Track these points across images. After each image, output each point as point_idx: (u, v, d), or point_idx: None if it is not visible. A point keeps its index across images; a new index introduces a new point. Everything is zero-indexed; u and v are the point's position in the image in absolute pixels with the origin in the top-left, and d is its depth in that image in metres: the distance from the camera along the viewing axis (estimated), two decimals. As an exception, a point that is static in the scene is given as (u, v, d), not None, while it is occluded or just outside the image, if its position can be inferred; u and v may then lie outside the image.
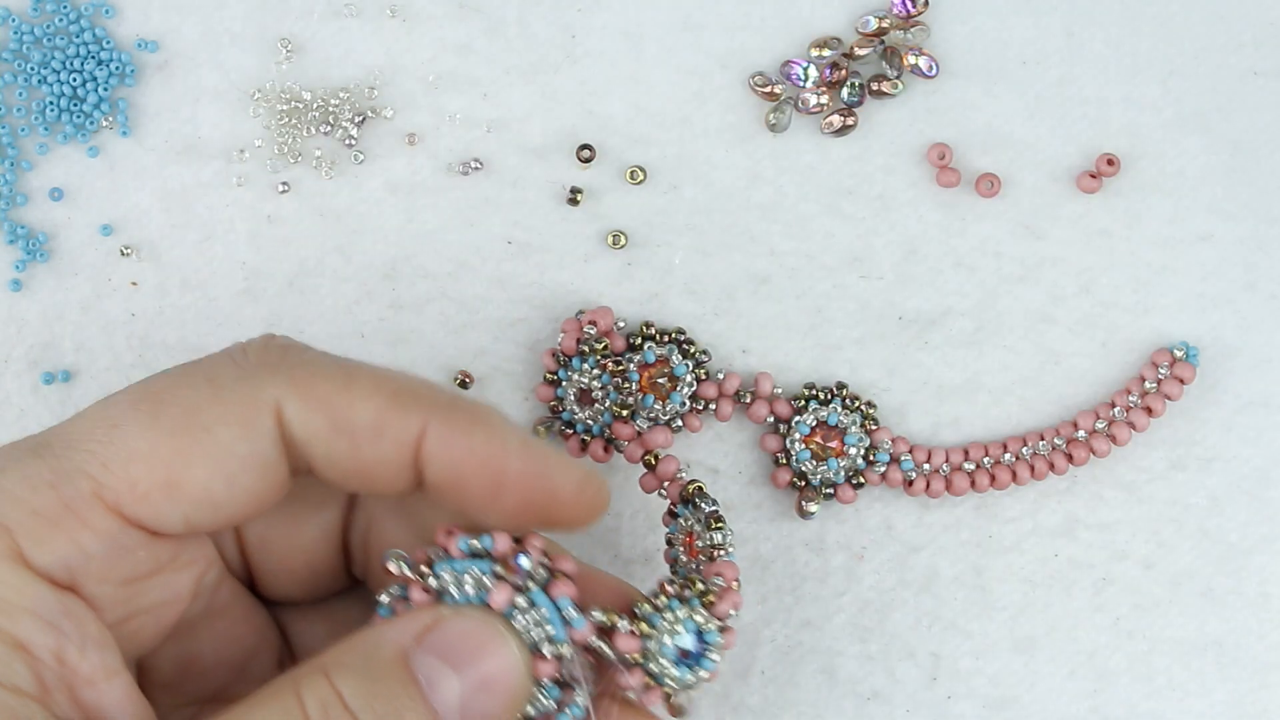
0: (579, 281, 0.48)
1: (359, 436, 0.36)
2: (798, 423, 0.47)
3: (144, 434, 0.35)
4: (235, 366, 0.37)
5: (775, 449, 0.48)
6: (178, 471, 0.35)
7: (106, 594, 0.35)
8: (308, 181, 0.48)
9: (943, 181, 0.48)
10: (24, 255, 0.48)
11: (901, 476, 0.48)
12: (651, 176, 0.49)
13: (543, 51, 0.48)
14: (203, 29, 0.48)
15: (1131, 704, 0.48)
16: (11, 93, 0.48)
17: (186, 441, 0.35)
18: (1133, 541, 0.49)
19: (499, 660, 0.35)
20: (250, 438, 0.35)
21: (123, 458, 0.35)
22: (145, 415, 0.35)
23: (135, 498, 0.35)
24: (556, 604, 0.36)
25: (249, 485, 0.36)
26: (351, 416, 0.36)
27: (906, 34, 0.48)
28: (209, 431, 0.35)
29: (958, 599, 0.48)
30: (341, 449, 0.36)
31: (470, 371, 0.48)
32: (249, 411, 0.35)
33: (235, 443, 0.35)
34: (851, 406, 0.48)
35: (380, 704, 0.33)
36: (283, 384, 0.36)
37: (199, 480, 0.35)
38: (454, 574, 0.36)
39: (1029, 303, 0.49)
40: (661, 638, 0.37)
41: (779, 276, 0.49)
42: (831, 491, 0.47)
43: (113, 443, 0.35)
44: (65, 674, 0.34)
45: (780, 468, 0.48)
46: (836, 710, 0.48)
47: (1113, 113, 0.49)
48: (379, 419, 0.36)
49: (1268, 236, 0.49)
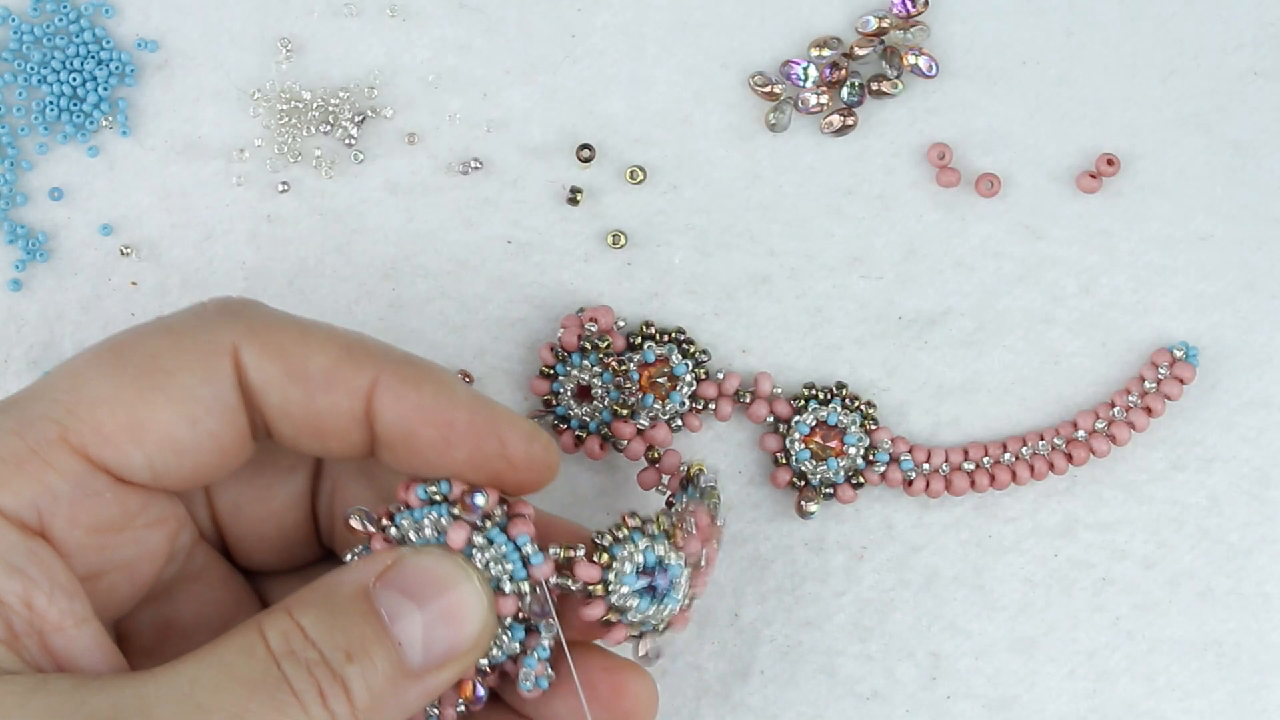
0: (579, 281, 0.48)
1: (312, 385, 0.37)
2: (797, 422, 0.47)
3: (107, 381, 0.36)
4: (195, 318, 0.38)
5: (775, 449, 0.48)
6: (141, 414, 0.36)
7: (76, 540, 0.36)
8: (308, 181, 0.48)
9: (943, 181, 0.48)
10: (24, 255, 0.48)
11: (901, 476, 0.48)
12: (651, 176, 0.49)
13: (543, 51, 0.48)
14: (203, 29, 0.48)
15: (1131, 704, 0.48)
16: (11, 93, 0.48)
17: (148, 385, 0.36)
18: (1132, 541, 0.49)
19: (459, 593, 0.35)
20: (210, 381, 0.36)
21: (87, 403, 0.35)
22: (108, 364, 0.36)
23: (100, 440, 0.35)
24: (515, 542, 0.36)
25: (211, 430, 0.37)
26: (306, 365, 0.37)
27: (906, 34, 0.48)
28: (170, 375, 0.36)
29: (958, 599, 0.48)
30: (296, 398, 0.37)
31: (470, 371, 0.48)
32: (208, 356, 0.36)
33: (196, 386, 0.36)
34: (851, 406, 0.48)
35: (341, 635, 0.34)
36: (241, 332, 0.37)
37: (162, 422, 0.36)
38: (413, 521, 0.37)
39: (1029, 303, 0.49)
40: (622, 566, 0.37)
41: (779, 276, 0.49)
42: (831, 491, 0.48)
43: (76, 390, 0.36)
44: (34, 620, 0.34)
45: (780, 467, 0.48)
46: (836, 710, 0.48)
47: (1113, 113, 0.49)
48: (332, 368, 0.37)
49: (1268, 236, 0.49)
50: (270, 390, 0.37)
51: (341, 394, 0.37)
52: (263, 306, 0.38)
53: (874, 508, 0.48)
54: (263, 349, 0.37)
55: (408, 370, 0.37)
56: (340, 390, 0.37)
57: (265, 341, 0.37)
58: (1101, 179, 0.48)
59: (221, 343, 0.37)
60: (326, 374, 0.37)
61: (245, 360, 0.37)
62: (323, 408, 0.37)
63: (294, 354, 0.37)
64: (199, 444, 0.36)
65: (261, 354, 0.37)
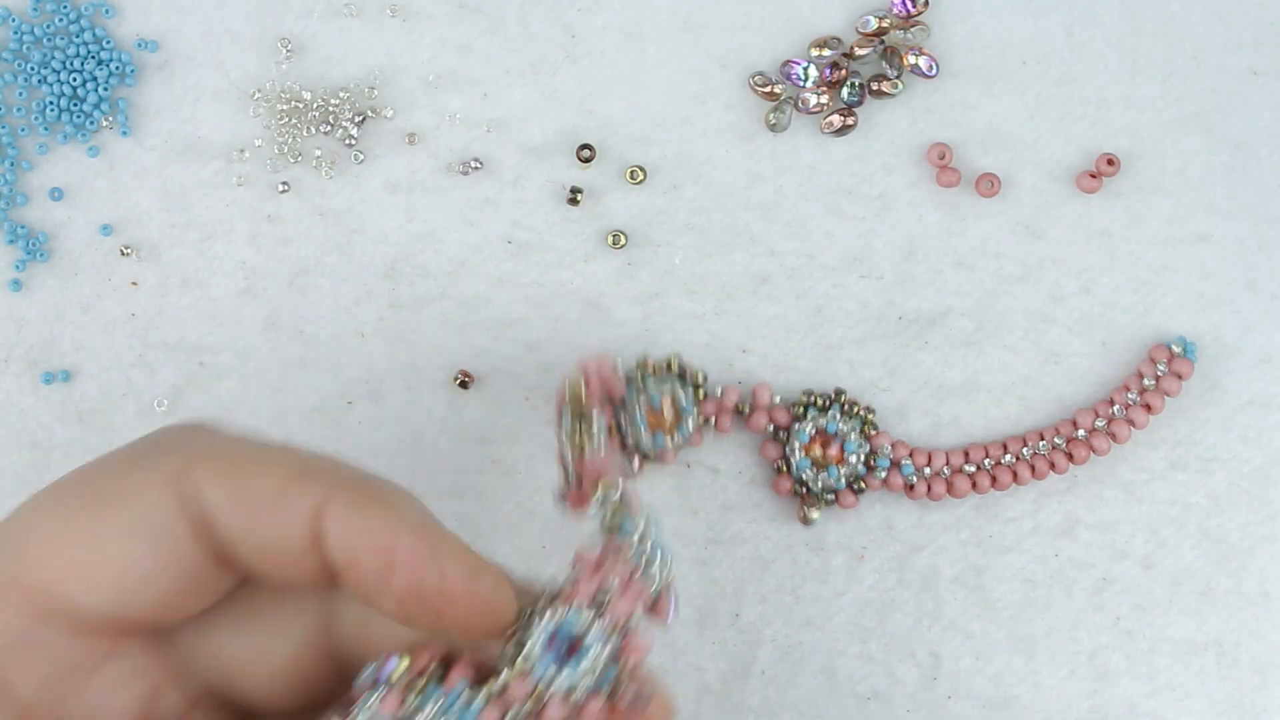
0: (579, 281, 0.48)
1: (260, 506, 0.35)
2: (797, 430, 0.47)
3: (53, 519, 0.35)
4: (145, 445, 0.36)
5: (775, 457, 0.48)
6: (89, 549, 0.34)
7: (31, 692, 0.34)
8: (308, 181, 0.48)
9: (943, 181, 0.48)
10: (24, 255, 0.48)
11: (902, 481, 0.48)
12: (651, 176, 0.49)
13: (543, 51, 0.48)
14: (203, 29, 0.48)
15: (1132, 704, 0.48)
16: (11, 93, 0.48)
17: (94, 518, 0.35)
18: (1133, 541, 0.49)
19: None
20: (157, 508, 0.35)
21: (35, 543, 0.34)
22: (54, 503, 0.35)
23: (51, 580, 0.34)
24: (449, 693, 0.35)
25: (165, 559, 0.35)
26: (253, 486, 0.35)
27: (906, 34, 0.48)
28: (116, 507, 0.35)
29: (958, 599, 0.48)
30: (242, 521, 0.35)
31: (470, 371, 0.48)
32: (155, 483, 0.35)
33: (143, 514, 0.35)
34: (850, 413, 0.48)
35: None
36: (191, 456, 0.35)
37: (112, 555, 0.34)
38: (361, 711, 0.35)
39: (1029, 303, 0.49)
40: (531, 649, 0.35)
41: (779, 276, 0.49)
42: (833, 497, 0.47)
43: (24, 533, 0.35)
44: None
45: (781, 475, 0.48)
46: (836, 710, 0.48)
47: (1113, 113, 0.49)
48: (280, 489, 0.35)
49: (1268, 236, 0.49)
50: (219, 514, 0.35)
51: (290, 515, 0.35)
52: (216, 429, 0.37)
53: (874, 508, 0.48)
54: (212, 472, 0.35)
55: (356, 492, 0.35)
56: (288, 511, 0.35)
57: (214, 464, 0.35)
58: (1101, 179, 0.48)
59: (168, 468, 0.35)
60: (274, 495, 0.35)
61: (195, 484, 0.35)
62: (270, 531, 0.35)
63: (242, 475, 0.35)
64: (155, 575, 0.35)
65: (211, 476, 0.35)
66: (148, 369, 0.48)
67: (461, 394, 0.48)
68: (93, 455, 0.37)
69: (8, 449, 0.48)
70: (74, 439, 0.48)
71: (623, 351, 0.48)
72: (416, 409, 0.48)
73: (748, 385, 0.48)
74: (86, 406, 0.48)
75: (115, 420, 0.48)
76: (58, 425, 0.48)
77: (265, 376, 0.48)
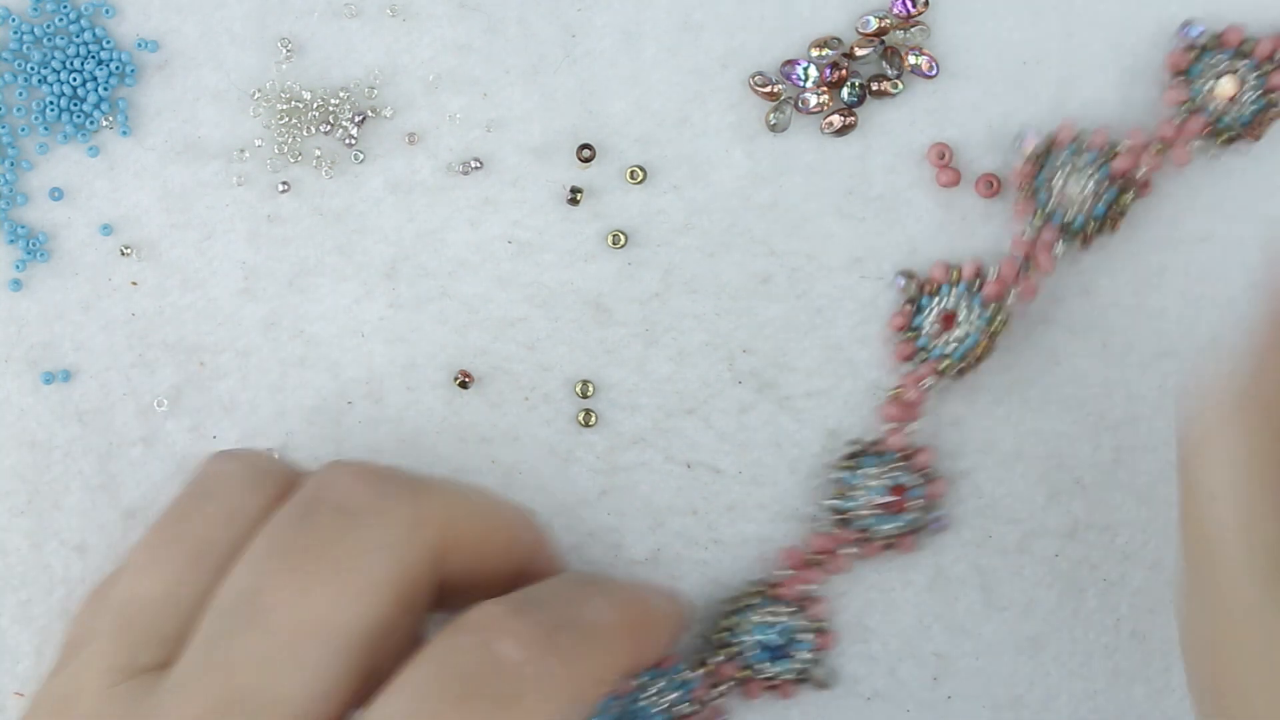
0: (579, 281, 0.48)
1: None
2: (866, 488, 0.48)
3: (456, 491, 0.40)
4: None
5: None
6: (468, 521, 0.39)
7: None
8: (308, 181, 0.48)
9: (943, 181, 0.48)
10: (24, 255, 0.48)
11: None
12: (651, 176, 0.49)
13: (543, 51, 0.48)
14: (203, 29, 0.48)
15: (1134, 705, 0.48)
16: (11, 93, 0.48)
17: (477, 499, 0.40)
18: (1136, 542, 0.49)
19: None
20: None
21: (450, 504, 0.39)
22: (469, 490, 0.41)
23: (449, 535, 0.38)
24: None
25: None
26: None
27: (906, 34, 0.49)
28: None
29: (960, 599, 0.48)
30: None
31: (470, 371, 0.48)
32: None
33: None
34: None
35: None
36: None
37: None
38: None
39: (1028, 302, 0.49)
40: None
41: (780, 276, 0.49)
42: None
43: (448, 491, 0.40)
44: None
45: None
46: (837, 710, 0.48)
47: (1113, 113, 0.49)
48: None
49: (1268, 237, 0.49)
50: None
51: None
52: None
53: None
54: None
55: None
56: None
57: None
58: (1102, 178, 0.48)
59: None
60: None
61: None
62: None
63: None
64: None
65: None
66: (148, 369, 0.48)
67: (461, 394, 0.48)
68: (93, 455, 0.41)
69: (8, 449, 0.48)
70: (74, 439, 0.48)
71: (622, 351, 0.48)
72: (416, 409, 0.48)
73: (750, 385, 0.48)
74: (86, 406, 0.48)
75: (115, 420, 0.48)
76: (58, 425, 0.48)
77: (265, 376, 0.48)
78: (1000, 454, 0.49)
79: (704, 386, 0.48)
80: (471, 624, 0.35)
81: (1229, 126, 0.47)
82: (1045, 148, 0.47)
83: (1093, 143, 0.47)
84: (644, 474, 0.48)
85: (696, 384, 0.48)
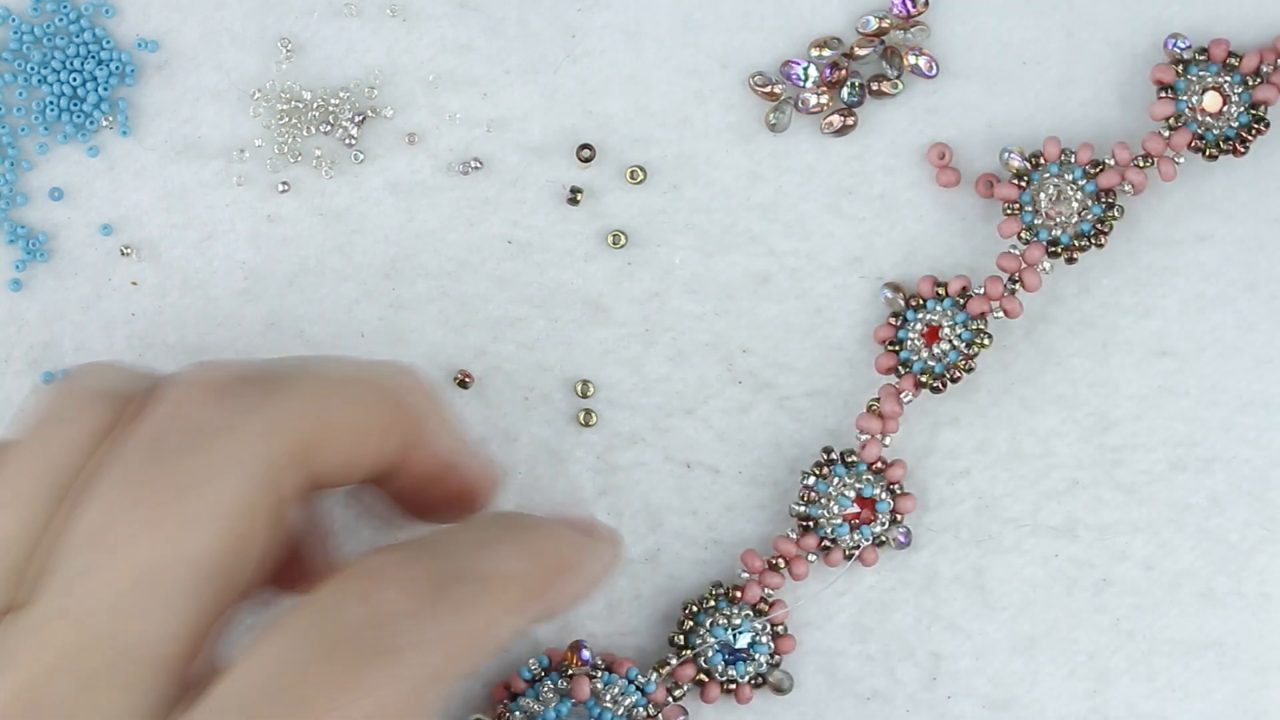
0: (579, 281, 0.48)
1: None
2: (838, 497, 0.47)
3: (318, 383, 0.37)
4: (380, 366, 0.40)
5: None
6: (336, 419, 0.37)
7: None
8: (308, 181, 0.48)
9: (943, 181, 0.48)
10: (24, 255, 0.48)
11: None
12: (651, 176, 0.49)
13: (543, 51, 0.48)
14: (203, 29, 0.48)
15: (1131, 704, 0.48)
16: (11, 93, 0.48)
17: (346, 393, 0.38)
18: (1133, 542, 0.49)
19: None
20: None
21: (311, 397, 0.37)
22: (321, 365, 0.39)
23: (312, 434, 0.36)
24: (625, 676, 0.45)
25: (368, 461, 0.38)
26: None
27: (906, 34, 0.49)
28: (362, 401, 0.37)
29: (958, 599, 0.48)
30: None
31: (470, 371, 0.48)
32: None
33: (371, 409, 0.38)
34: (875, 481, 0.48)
35: None
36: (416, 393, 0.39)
37: (346, 429, 0.37)
38: (533, 698, 0.44)
39: (1028, 303, 0.49)
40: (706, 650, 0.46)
41: (779, 276, 0.49)
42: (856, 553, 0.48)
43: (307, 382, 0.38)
44: None
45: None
46: (837, 710, 0.48)
47: (1112, 113, 0.49)
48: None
49: (1268, 236, 0.49)
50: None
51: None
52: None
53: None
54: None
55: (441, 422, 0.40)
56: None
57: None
58: (1101, 179, 0.48)
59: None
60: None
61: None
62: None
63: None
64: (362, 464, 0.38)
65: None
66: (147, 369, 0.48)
67: (461, 394, 0.48)
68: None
69: (8, 449, 0.48)
70: (74, 439, 0.48)
71: (621, 351, 0.48)
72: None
73: (749, 384, 0.48)
74: (86, 406, 0.48)
75: (115, 420, 0.48)
76: (58, 425, 0.48)
77: (265, 376, 0.48)
78: (997, 453, 0.49)
79: (703, 386, 0.48)
80: (357, 572, 0.33)
81: (1215, 141, 0.47)
82: (1030, 164, 0.47)
83: (1078, 158, 0.47)
84: (643, 474, 0.48)
85: (695, 384, 0.48)
